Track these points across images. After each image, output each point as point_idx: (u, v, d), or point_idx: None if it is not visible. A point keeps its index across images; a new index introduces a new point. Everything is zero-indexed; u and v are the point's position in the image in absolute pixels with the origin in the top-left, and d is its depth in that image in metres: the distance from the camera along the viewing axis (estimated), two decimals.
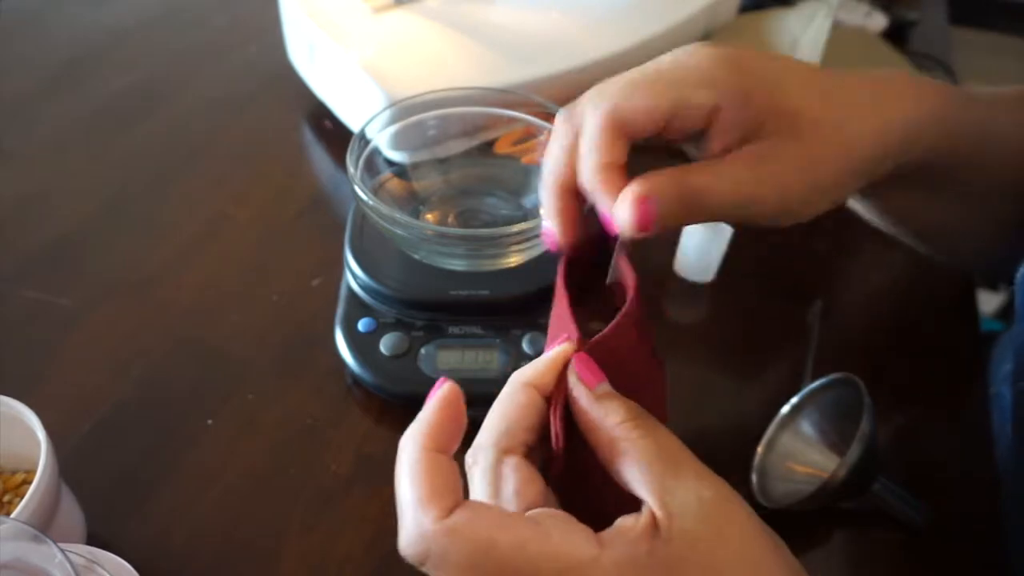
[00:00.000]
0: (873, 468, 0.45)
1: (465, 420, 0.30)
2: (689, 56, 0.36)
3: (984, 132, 0.44)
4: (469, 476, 0.30)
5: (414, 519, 0.27)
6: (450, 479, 0.28)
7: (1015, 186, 0.46)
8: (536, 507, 0.29)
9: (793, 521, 0.45)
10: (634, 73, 0.35)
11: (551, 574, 0.26)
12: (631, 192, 0.33)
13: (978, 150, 0.44)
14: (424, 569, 0.27)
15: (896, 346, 0.55)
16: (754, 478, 0.47)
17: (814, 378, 0.49)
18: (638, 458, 0.29)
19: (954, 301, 0.59)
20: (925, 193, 0.45)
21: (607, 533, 0.28)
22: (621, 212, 0.33)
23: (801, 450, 0.48)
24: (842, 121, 0.37)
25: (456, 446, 0.29)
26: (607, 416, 0.30)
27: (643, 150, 0.37)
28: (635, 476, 0.29)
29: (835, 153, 0.37)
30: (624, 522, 0.28)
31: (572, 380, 0.31)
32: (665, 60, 0.36)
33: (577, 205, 0.36)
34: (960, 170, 0.44)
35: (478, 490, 0.30)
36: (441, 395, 0.30)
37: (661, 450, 0.29)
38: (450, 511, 0.27)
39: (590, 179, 0.34)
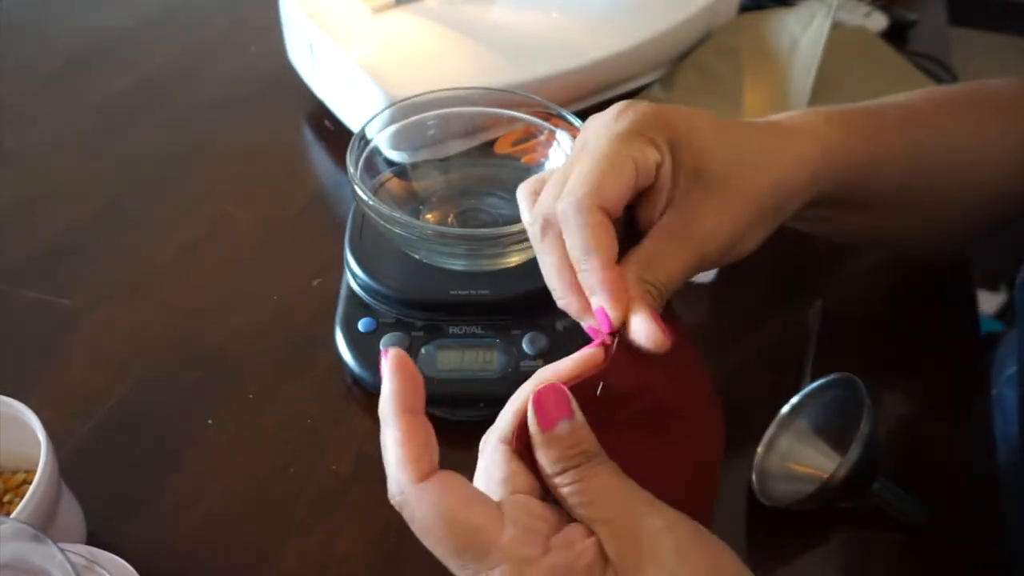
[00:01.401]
0: (873, 468, 0.45)
1: (420, 377, 0.31)
2: (627, 123, 0.37)
3: (901, 151, 0.46)
4: (480, 456, 0.33)
5: (396, 477, 0.30)
6: (428, 441, 0.30)
7: (963, 188, 0.49)
8: (523, 493, 0.31)
9: (793, 521, 0.46)
10: (595, 160, 0.36)
11: (495, 560, 0.29)
12: (648, 314, 0.34)
13: (898, 169, 0.46)
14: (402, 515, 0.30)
15: (896, 346, 0.55)
16: (754, 478, 0.47)
17: (814, 378, 0.49)
18: (581, 499, 0.31)
19: (954, 301, 0.59)
20: (845, 210, 0.46)
21: (557, 538, 0.30)
22: (647, 331, 0.34)
23: (801, 450, 0.48)
24: (743, 172, 0.39)
25: (422, 403, 0.31)
26: (545, 465, 0.31)
27: None
28: (584, 514, 0.31)
29: (741, 204, 0.39)
30: (573, 532, 0.30)
31: (530, 417, 0.32)
32: (603, 135, 0.37)
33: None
34: (885, 189, 0.46)
35: (479, 469, 0.33)
36: (392, 364, 0.31)
37: (606, 490, 0.31)
38: (425, 476, 0.30)
39: (598, 281, 0.35)
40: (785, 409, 0.49)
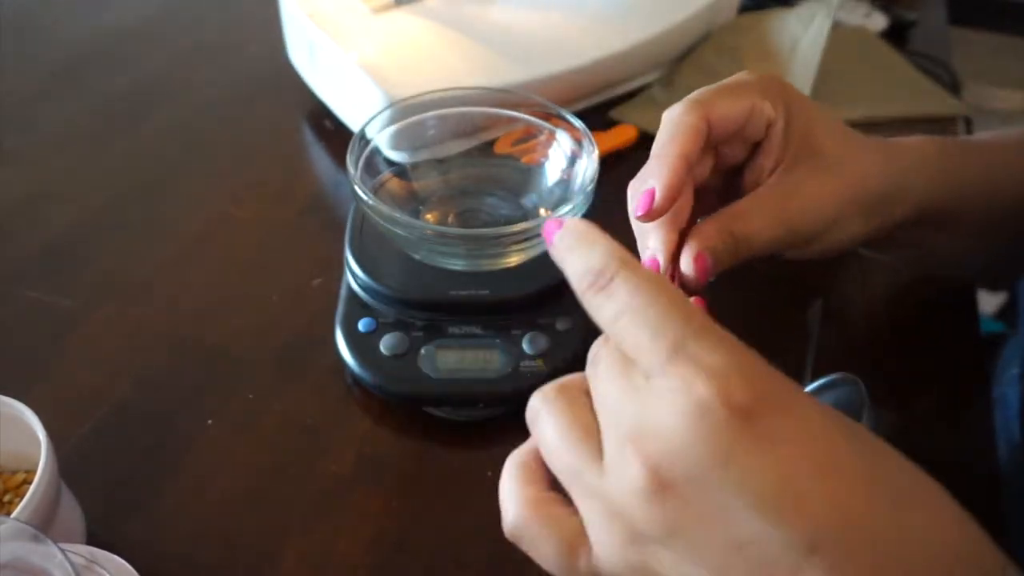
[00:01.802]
0: None
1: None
2: (751, 77, 0.40)
3: (986, 179, 0.47)
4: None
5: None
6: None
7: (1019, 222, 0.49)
8: None
9: None
10: (718, 84, 0.40)
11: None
12: (691, 249, 0.37)
13: (979, 194, 0.47)
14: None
15: (896, 346, 0.55)
16: None
17: (814, 378, 0.49)
18: None
19: (954, 301, 0.59)
20: (932, 231, 0.48)
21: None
22: (683, 265, 0.37)
23: None
24: (856, 156, 0.41)
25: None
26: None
27: None
28: None
29: (847, 185, 0.41)
30: None
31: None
32: (735, 77, 0.41)
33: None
34: (964, 213, 0.47)
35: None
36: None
37: None
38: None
39: (662, 166, 0.36)
40: None
